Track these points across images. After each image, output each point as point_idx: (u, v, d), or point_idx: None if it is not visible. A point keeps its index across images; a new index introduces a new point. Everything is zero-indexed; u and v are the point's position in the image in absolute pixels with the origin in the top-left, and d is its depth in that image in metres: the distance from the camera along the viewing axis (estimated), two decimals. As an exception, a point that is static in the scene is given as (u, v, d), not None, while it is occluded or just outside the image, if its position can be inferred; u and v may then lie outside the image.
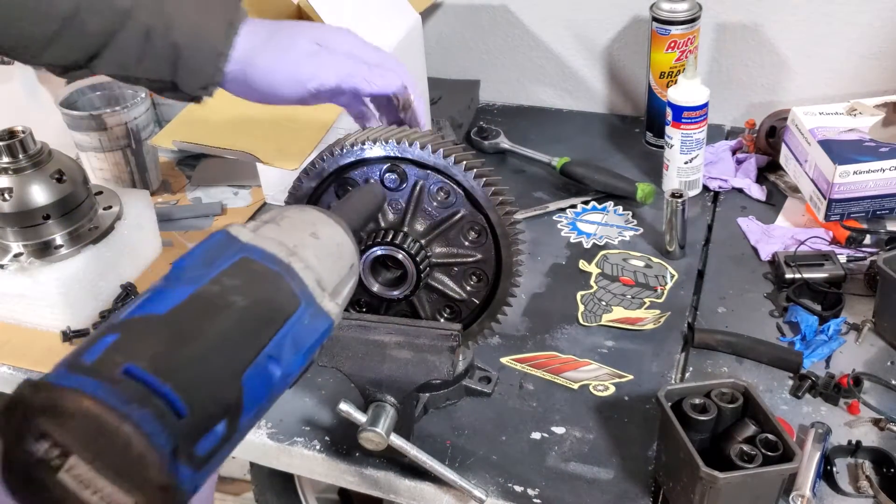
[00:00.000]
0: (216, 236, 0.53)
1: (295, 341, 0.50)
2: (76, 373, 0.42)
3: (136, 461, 0.41)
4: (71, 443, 0.41)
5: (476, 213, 0.86)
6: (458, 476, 0.86)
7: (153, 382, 0.42)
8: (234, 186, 1.43)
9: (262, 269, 0.51)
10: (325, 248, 0.57)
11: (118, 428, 0.41)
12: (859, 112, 1.20)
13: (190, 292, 0.48)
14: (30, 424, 0.41)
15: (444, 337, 0.85)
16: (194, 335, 0.46)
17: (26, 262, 1.10)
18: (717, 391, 0.83)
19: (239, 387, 0.46)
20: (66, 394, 0.41)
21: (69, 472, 0.41)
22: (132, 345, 0.44)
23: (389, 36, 1.31)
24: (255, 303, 0.49)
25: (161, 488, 0.42)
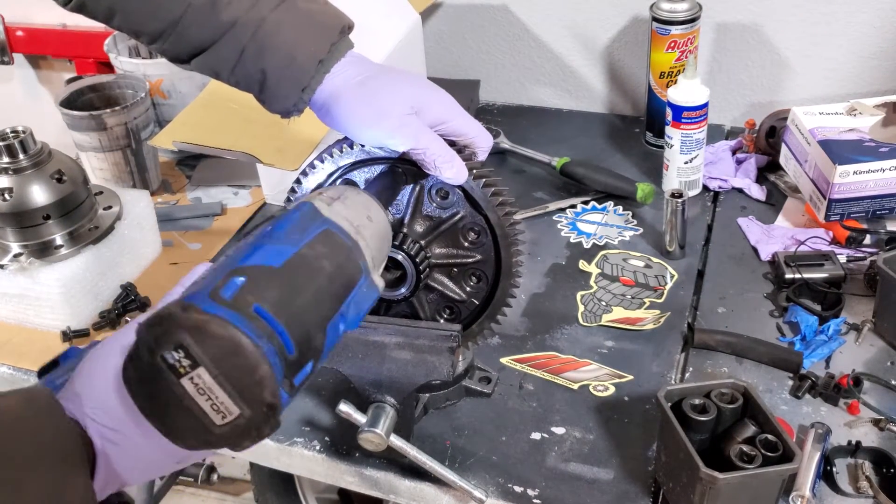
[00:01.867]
0: (304, 207, 0.65)
1: (356, 305, 0.62)
2: (218, 303, 0.52)
3: (257, 382, 0.51)
4: (204, 358, 0.50)
5: (475, 214, 0.86)
6: (458, 476, 0.86)
7: (275, 323, 0.53)
8: (234, 186, 1.43)
9: (340, 242, 0.63)
10: (377, 230, 0.68)
11: (252, 353, 0.51)
12: (859, 112, 1.20)
13: (293, 252, 0.59)
14: (172, 335, 0.51)
15: (443, 337, 0.85)
16: (299, 289, 0.57)
17: (26, 262, 1.10)
18: (716, 391, 0.83)
19: (323, 335, 0.58)
20: (213, 319, 0.51)
21: (192, 379, 0.51)
22: (258, 288, 0.55)
23: (389, 36, 1.31)
24: (337, 268, 0.61)
25: (269, 406, 0.52)
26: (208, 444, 0.54)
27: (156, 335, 0.51)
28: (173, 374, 0.51)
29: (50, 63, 2.07)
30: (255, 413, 0.52)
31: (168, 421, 0.53)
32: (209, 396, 0.51)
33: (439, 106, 0.82)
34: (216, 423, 0.52)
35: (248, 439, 0.53)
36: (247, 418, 0.52)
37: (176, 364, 0.51)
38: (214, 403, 0.51)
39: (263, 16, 0.80)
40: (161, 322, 0.51)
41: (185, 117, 1.30)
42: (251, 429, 0.53)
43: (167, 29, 0.82)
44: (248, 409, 0.52)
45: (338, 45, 0.82)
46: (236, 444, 0.53)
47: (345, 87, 0.81)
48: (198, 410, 0.52)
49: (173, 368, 0.51)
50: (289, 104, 0.82)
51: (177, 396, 0.51)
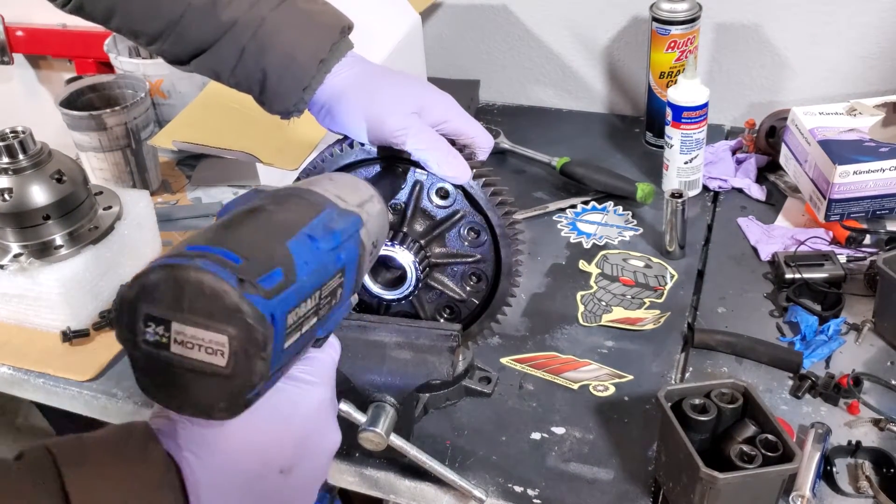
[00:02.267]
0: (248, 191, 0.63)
1: (325, 227, 0.60)
2: (153, 262, 0.51)
3: (212, 295, 0.49)
4: (165, 310, 0.49)
5: (475, 214, 0.86)
6: (458, 476, 0.86)
7: (209, 248, 0.51)
8: (233, 186, 1.43)
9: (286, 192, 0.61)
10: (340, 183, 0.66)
11: (188, 274, 0.49)
12: (859, 112, 1.20)
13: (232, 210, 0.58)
14: (135, 313, 0.50)
15: (443, 337, 0.85)
16: (237, 223, 0.56)
17: (26, 263, 1.10)
18: (716, 391, 0.83)
19: (285, 248, 0.55)
20: (148, 272, 0.50)
21: (175, 340, 0.49)
22: (191, 238, 0.53)
23: (389, 36, 1.31)
24: (285, 207, 0.59)
25: (240, 311, 0.49)
26: (234, 394, 0.51)
27: (126, 325, 0.50)
28: (161, 349, 0.50)
29: (50, 63, 2.07)
30: (237, 326, 0.49)
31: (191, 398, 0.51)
32: (198, 344, 0.49)
33: (440, 106, 0.82)
34: (221, 366, 0.50)
35: (255, 359, 0.50)
36: (237, 338, 0.49)
37: (157, 337, 0.50)
38: (206, 347, 0.50)
39: (263, 16, 0.80)
40: (119, 308, 0.51)
41: (185, 117, 1.30)
42: (247, 345, 0.50)
43: (166, 29, 0.82)
44: (228, 325, 0.49)
45: (338, 45, 0.82)
46: (250, 371, 0.51)
47: (346, 87, 0.81)
48: (201, 365, 0.50)
49: (158, 344, 0.50)
50: (289, 104, 0.82)
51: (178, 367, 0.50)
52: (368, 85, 0.81)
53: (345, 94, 0.81)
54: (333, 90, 0.81)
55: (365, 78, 0.82)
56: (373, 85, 0.81)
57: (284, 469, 0.57)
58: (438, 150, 0.79)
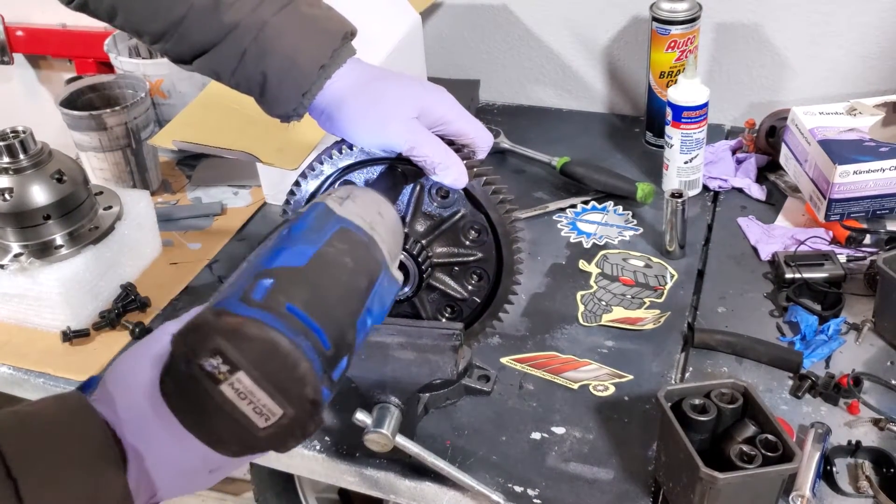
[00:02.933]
0: (318, 207, 0.65)
1: (380, 299, 0.63)
2: (251, 306, 0.52)
3: (299, 380, 0.51)
4: (242, 361, 0.50)
5: (476, 213, 0.86)
6: (471, 478, 0.86)
7: (309, 321, 0.53)
8: (234, 186, 1.43)
9: (357, 239, 0.63)
10: (389, 225, 0.69)
11: (291, 351, 0.51)
12: (859, 112, 1.20)
13: (315, 251, 0.59)
14: (208, 342, 0.50)
15: (446, 336, 0.85)
16: (326, 286, 0.57)
17: (26, 263, 1.10)
18: (716, 391, 0.83)
19: (354, 330, 0.58)
20: (248, 322, 0.51)
21: (232, 384, 0.50)
22: (287, 288, 0.54)
23: (389, 36, 1.31)
24: (358, 264, 0.61)
25: (312, 403, 0.52)
26: (252, 448, 0.53)
27: (191, 344, 0.51)
28: (212, 381, 0.50)
29: (50, 63, 2.07)
30: (299, 411, 0.52)
31: (210, 430, 0.53)
32: (250, 400, 0.51)
33: (440, 107, 0.82)
34: (259, 427, 0.52)
35: (292, 439, 0.53)
36: (290, 418, 0.52)
37: (214, 371, 0.50)
38: (256, 406, 0.51)
39: (266, 19, 0.80)
40: (196, 330, 0.51)
41: (185, 117, 1.30)
42: (295, 428, 0.52)
43: (169, 29, 0.82)
44: (292, 408, 0.51)
45: (339, 51, 0.82)
46: (281, 445, 0.53)
47: (346, 92, 0.81)
48: (240, 416, 0.51)
49: (212, 376, 0.50)
50: (289, 108, 0.82)
51: (217, 404, 0.51)
52: (368, 90, 0.81)
53: (345, 100, 0.81)
54: (333, 96, 0.81)
55: (364, 83, 0.82)
56: (372, 90, 0.81)
57: (214, 469, 0.60)
58: (437, 156, 0.79)
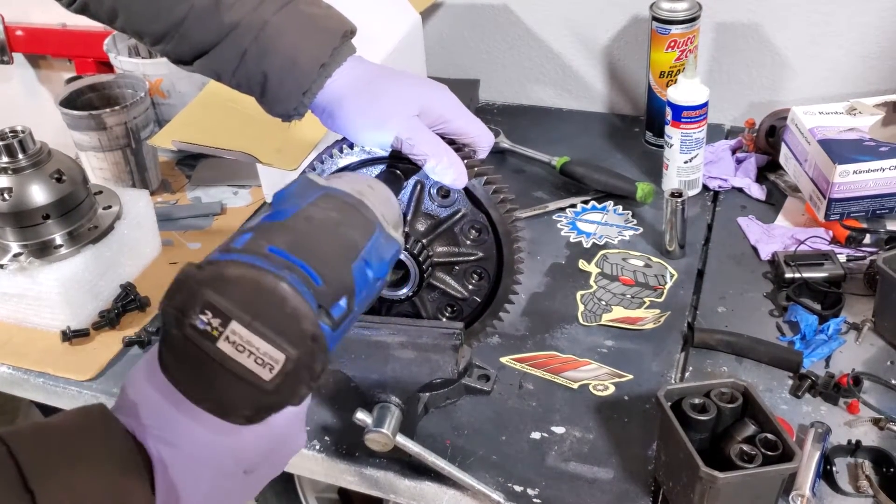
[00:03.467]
0: (301, 179, 0.64)
1: (377, 253, 0.60)
2: (231, 252, 0.51)
3: (291, 315, 0.49)
4: (232, 308, 0.48)
5: (477, 212, 0.86)
6: (471, 477, 0.86)
7: (293, 258, 0.51)
8: (233, 186, 1.43)
9: (343, 200, 0.62)
10: (380, 195, 0.68)
11: (276, 286, 0.49)
12: (859, 111, 1.20)
13: (297, 209, 0.57)
14: (196, 297, 0.48)
15: (446, 336, 0.85)
16: (311, 233, 0.56)
17: (26, 262, 1.10)
18: (716, 391, 0.83)
19: (350, 273, 0.56)
20: (227, 265, 0.49)
21: (228, 338, 0.48)
22: (269, 235, 0.53)
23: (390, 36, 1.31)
24: (346, 217, 0.60)
25: (312, 338, 0.49)
26: (265, 407, 0.51)
27: (179, 303, 0.49)
28: (207, 339, 0.48)
29: (49, 63, 2.07)
30: (301, 350, 0.49)
31: (218, 397, 0.50)
32: (250, 351, 0.48)
33: (441, 106, 0.82)
34: (266, 379, 0.49)
35: (303, 384, 0.50)
36: (294, 360, 0.49)
37: (207, 328, 0.48)
38: (258, 357, 0.49)
39: (266, 19, 0.80)
40: (180, 286, 0.49)
41: (185, 117, 1.30)
42: (301, 370, 0.50)
43: (170, 30, 0.82)
44: (293, 347, 0.49)
45: (340, 49, 0.82)
46: (292, 394, 0.50)
47: (347, 91, 0.81)
48: (243, 371, 0.49)
49: (206, 334, 0.48)
50: (290, 108, 0.82)
51: (218, 363, 0.49)
52: (368, 88, 0.81)
53: (345, 98, 0.81)
54: (334, 94, 0.81)
55: (365, 81, 0.82)
56: (372, 88, 0.81)
57: (249, 470, 0.58)
58: (437, 155, 0.79)
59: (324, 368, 0.51)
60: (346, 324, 0.55)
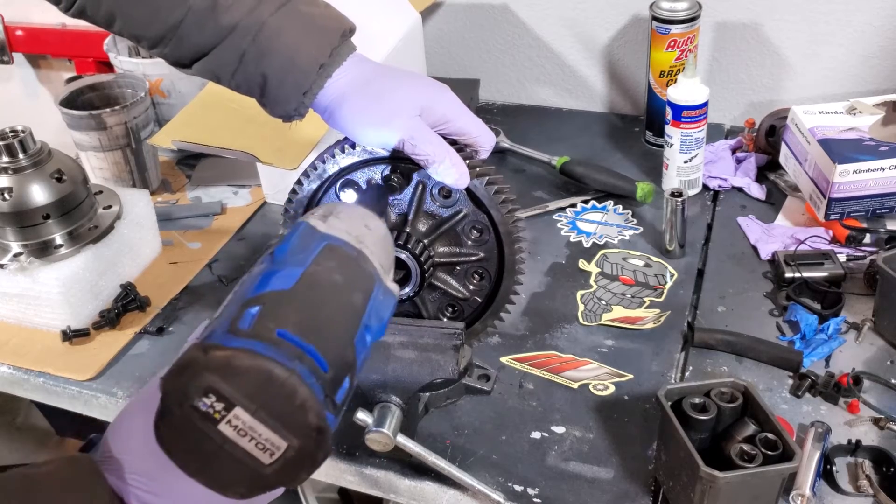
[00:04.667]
0: (300, 226, 0.63)
1: (377, 313, 0.60)
2: (239, 336, 0.49)
3: (299, 408, 0.48)
4: (237, 396, 0.47)
5: (478, 212, 0.86)
6: (472, 478, 0.86)
7: (302, 344, 0.50)
8: (233, 186, 1.43)
9: (345, 254, 0.60)
10: (377, 237, 0.66)
11: (287, 379, 0.48)
12: (859, 111, 1.20)
13: (301, 272, 0.56)
14: (198, 380, 0.47)
15: (447, 336, 0.86)
16: (318, 306, 0.54)
17: (26, 262, 1.10)
18: (716, 390, 0.83)
19: (353, 349, 0.55)
20: (237, 353, 0.48)
21: (230, 422, 0.47)
22: (276, 313, 0.51)
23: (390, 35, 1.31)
24: (349, 279, 0.59)
25: (317, 430, 0.49)
26: (261, 487, 0.51)
27: (181, 385, 0.48)
28: (209, 421, 0.48)
29: (49, 62, 2.07)
30: (304, 441, 0.49)
31: (214, 474, 0.50)
32: (251, 436, 0.48)
33: (443, 105, 0.82)
34: (265, 464, 0.49)
35: (302, 471, 0.50)
36: (297, 449, 0.49)
37: (209, 410, 0.48)
38: (259, 442, 0.48)
39: (263, 20, 0.79)
40: (184, 369, 0.49)
41: (185, 116, 1.30)
42: (303, 459, 0.50)
43: (167, 34, 0.81)
44: (296, 438, 0.49)
45: (339, 49, 0.81)
46: (290, 479, 0.50)
47: (348, 90, 0.81)
48: (243, 454, 0.49)
49: (207, 416, 0.48)
50: (290, 108, 0.82)
51: (218, 445, 0.48)
52: (369, 88, 0.81)
53: (346, 98, 0.81)
54: (335, 93, 0.81)
55: (366, 80, 0.81)
56: (374, 88, 0.81)
57: None
58: (439, 156, 0.79)
59: (326, 456, 0.51)
60: (347, 403, 0.55)
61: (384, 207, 0.85)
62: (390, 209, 0.87)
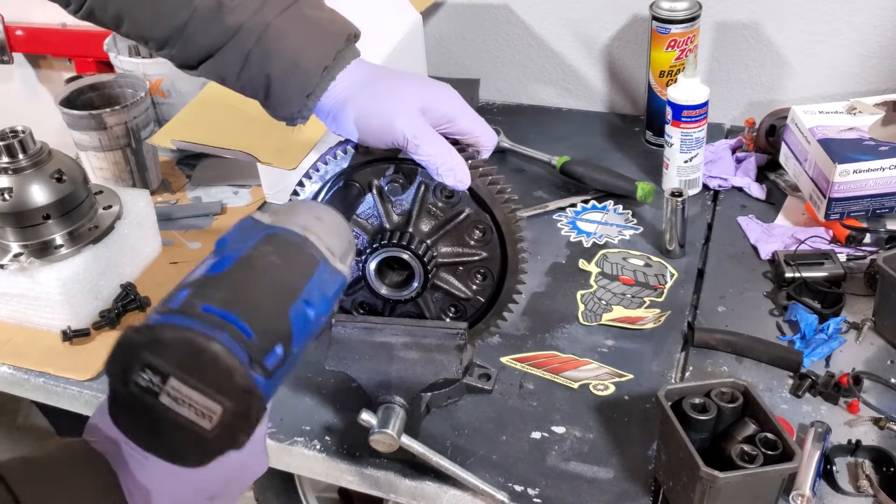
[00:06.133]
0: (244, 221, 0.65)
1: (321, 290, 0.62)
2: (166, 314, 0.54)
3: (224, 371, 0.52)
4: (169, 367, 0.51)
5: (481, 212, 0.86)
6: (476, 477, 0.86)
7: (226, 315, 0.54)
8: (233, 186, 1.43)
9: (286, 240, 0.63)
10: (329, 226, 0.68)
11: (208, 346, 0.51)
12: (859, 111, 1.20)
13: (237, 257, 0.59)
14: (134, 358, 0.52)
15: (451, 336, 0.86)
16: (248, 284, 0.58)
17: (26, 262, 1.10)
18: (716, 390, 0.83)
19: (287, 319, 0.58)
20: (163, 329, 0.52)
21: (168, 394, 0.52)
22: (203, 292, 0.56)
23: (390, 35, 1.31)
24: (286, 260, 0.61)
25: (244, 391, 0.52)
26: (209, 453, 0.54)
27: (121, 363, 0.52)
28: (150, 395, 0.52)
29: (50, 62, 2.07)
30: (236, 402, 0.52)
31: (164, 444, 0.54)
32: (189, 403, 0.52)
33: (445, 105, 0.82)
34: (206, 429, 0.53)
35: (241, 432, 0.54)
36: (231, 411, 0.52)
37: (149, 385, 0.52)
38: (197, 409, 0.52)
39: (268, 21, 0.80)
40: (121, 349, 0.52)
41: (185, 116, 1.30)
42: (239, 420, 0.53)
43: (173, 35, 0.82)
44: (228, 399, 0.52)
45: (343, 52, 0.82)
46: (233, 441, 0.54)
47: (350, 92, 0.81)
48: (185, 422, 0.52)
49: (148, 390, 0.52)
50: (293, 110, 0.82)
51: (161, 415, 0.52)
52: (372, 90, 0.81)
53: (349, 100, 0.81)
54: (338, 97, 0.81)
55: (368, 83, 0.81)
56: (376, 89, 0.81)
57: (212, 496, 0.63)
58: (441, 156, 0.79)
59: (259, 416, 0.54)
60: (283, 369, 0.57)
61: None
62: (392, 210, 0.87)
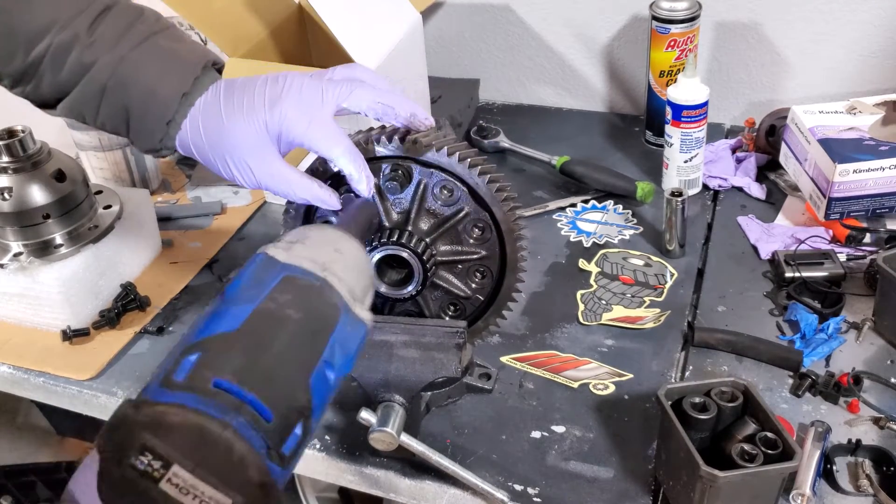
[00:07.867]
0: (257, 258, 0.58)
1: (342, 347, 0.56)
2: (172, 389, 0.48)
3: (238, 463, 0.46)
4: (173, 453, 0.45)
5: (480, 210, 0.86)
6: (476, 476, 0.86)
7: (241, 393, 0.48)
8: (233, 186, 1.43)
9: (305, 284, 0.57)
10: (350, 261, 0.62)
11: (221, 435, 0.46)
12: (859, 111, 1.20)
13: (251, 309, 0.53)
14: (133, 440, 0.46)
15: (450, 334, 0.86)
16: (265, 347, 0.51)
17: (26, 262, 1.10)
18: (716, 390, 0.83)
19: (308, 391, 0.52)
20: (168, 409, 0.46)
21: (170, 481, 0.45)
22: (215, 361, 0.49)
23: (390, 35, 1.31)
24: (306, 314, 0.54)
25: (260, 486, 0.47)
26: None
27: (116, 444, 0.47)
28: (149, 480, 0.46)
29: (49, 62, 2.07)
30: (248, 497, 0.47)
31: None
32: (194, 494, 0.46)
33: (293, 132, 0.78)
34: None
35: None
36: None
37: (148, 469, 0.46)
38: (203, 500, 0.46)
39: (123, 54, 0.79)
40: (117, 427, 0.47)
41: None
42: None
43: (28, 70, 0.80)
44: (239, 495, 0.46)
45: (201, 78, 0.80)
46: None
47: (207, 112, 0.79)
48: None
49: (147, 475, 0.46)
50: (155, 140, 0.81)
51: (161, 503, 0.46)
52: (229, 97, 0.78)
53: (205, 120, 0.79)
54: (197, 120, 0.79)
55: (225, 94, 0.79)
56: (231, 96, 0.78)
57: None
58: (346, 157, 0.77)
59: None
60: (301, 450, 0.52)
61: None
62: (391, 208, 0.87)
